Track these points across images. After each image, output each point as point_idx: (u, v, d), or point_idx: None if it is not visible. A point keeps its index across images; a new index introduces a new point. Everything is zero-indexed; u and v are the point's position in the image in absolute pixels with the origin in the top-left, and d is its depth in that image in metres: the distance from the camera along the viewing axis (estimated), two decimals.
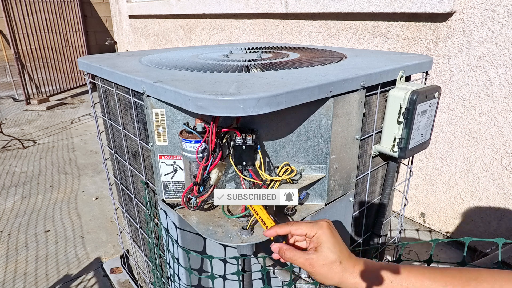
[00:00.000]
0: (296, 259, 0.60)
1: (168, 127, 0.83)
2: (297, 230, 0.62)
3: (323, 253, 0.58)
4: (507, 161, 1.71)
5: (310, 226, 0.61)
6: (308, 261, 0.59)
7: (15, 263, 1.96)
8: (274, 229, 0.64)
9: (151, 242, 1.09)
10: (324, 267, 0.58)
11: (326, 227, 0.60)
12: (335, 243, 0.59)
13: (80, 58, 1.22)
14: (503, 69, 1.62)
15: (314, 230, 0.60)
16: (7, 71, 5.94)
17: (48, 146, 3.76)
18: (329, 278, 0.58)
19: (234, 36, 3.20)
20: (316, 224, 0.61)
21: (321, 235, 0.59)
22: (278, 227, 0.64)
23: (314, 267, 0.58)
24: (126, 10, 4.87)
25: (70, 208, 2.54)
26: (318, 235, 0.60)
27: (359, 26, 2.15)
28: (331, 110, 0.80)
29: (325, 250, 0.58)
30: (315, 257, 0.58)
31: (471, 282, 0.50)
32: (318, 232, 0.60)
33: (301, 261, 0.59)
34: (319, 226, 0.60)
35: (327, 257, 0.58)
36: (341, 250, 0.59)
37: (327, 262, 0.58)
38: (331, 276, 0.58)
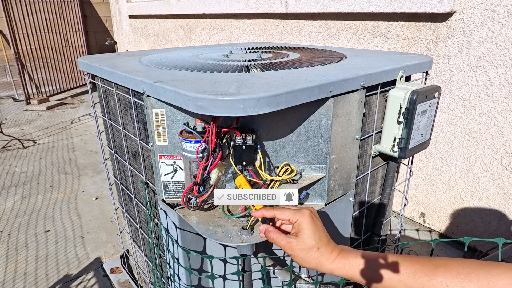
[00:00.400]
0: (279, 241, 0.65)
1: (168, 127, 0.83)
2: (281, 215, 0.66)
3: (302, 239, 0.63)
4: (507, 161, 1.71)
5: (293, 213, 0.65)
6: (288, 245, 0.63)
7: (15, 263, 1.96)
8: (261, 211, 0.68)
9: (151, 242, 1.09)
10: (302, 251, 0.62)
11: (308, 215, 0.64)
12: (315, 230, 0.63)
13: (80, 58, 1.22)
14: (503, 69, 1.62)
15: (296, 217, 0.64)
16: (7, 71, 5.94)
17: (48, 146, 3.76)
18: (307, 262, 0.63)
19: (234, 36, 3.20)
20: (299, 211, 0.65)
21: (302, 222, 0.64)
22: (265, 210, 0.68)
23: (293, 250, 0.63)
24: (126, 10, 4.87)
25: (70, 208, 2.54)
26: (299, 222, 0.64)
27: (359, 26, 2.15)
28: (331, 110, 0.80)
29: (305, 236, 0.63)
30: (295, 241, 0.63)
31: (439, 268, 0.53)
32: (300, 219, 0.64)
33: (282, 244, 0.64)
34: (301, 213, 0.65)
35: (305, 242, 0.62)
36: (320, 237, 0.63)
37: (305, 247, 0.62)
38: (308, 260, 0.63)
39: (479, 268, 0.50)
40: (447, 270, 0.52)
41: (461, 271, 0.51)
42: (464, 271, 0.51)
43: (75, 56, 6.26)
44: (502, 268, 0.50)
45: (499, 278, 0.48)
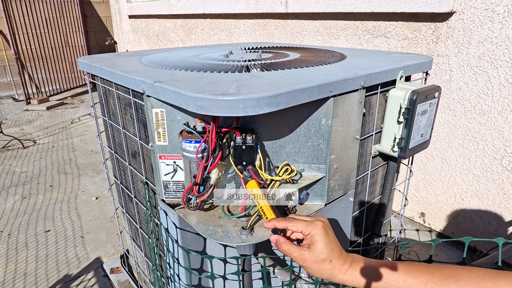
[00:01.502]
0: (291, 253, 0.65)
1: (168, 127, 0.83)
2: (293, 227, 0.66)
3: (315, 252, 0.63)
4: (507, 161, 1.71)
5: (306, 225, 0.65)
6: (301, 256, 0.64)
7: (15, 263, 1.96)
8: (272, 222, 0.68)
9: (151, 242, 1.09)
10: (315, 263, 0.63)
11: (321, 227, 0.64)
12: (328, 243, 0.64)
13: (80, 58, 1.22)
14: (503, 69, 1.62)
15: (309, 229, 0.64)
16: (7, 71, 5.94)
17: (48, 146, 3.76)
18: (319, 274, 0.64)
19: (234, 36, 3.20)
20: (311, 223, 0.65)
21: (315, 235, 0.64)
22: (276, 220, 0.68)
23: (305, 262, 0.63)
24: (126, 10, 4.87)
25: (70, 208, 2.54)
26: (312, 234, 0.64)
27: (359, 26, 2.15)
28: (331, 110, 0.80)
29: (317, 249, 0.63)
30: (307, 253, 0.63)
31: (450, 279, 0.54)
32: (313, 231, 0.64)
33: (294, 255, 0.64)
34: (314, 226, 0.65)
35: (318, 255, 0.63)
36: (332, 249, 0.64)
37: (318, 260, 0.63)
38: (321, 272, 0.63)
39: (487, 278, 0.51)
40: (457, 281, 0.53)
41: (471, 281, 0.52)
42: (473, 282, 0.52)
43: (75, 56, 6.26)
44: (510, 277, 0.51)
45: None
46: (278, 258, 0.95)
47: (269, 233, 0.79)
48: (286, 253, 0.65)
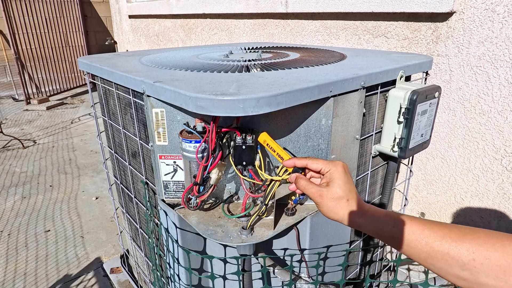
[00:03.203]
0: (309, 188, 0.65)
1: (168, 127, 0.83)
2: (313, 164, 0.67)
3: (333, 188, 0.63)
4: (507, 161, 1.71)
5: (326, 163, 0.66)
6: (318, 192, 0.64)
7: (15, 263, 1.96)
8: (292, 160, 0.69)
9: (151, 242, 1.09)
10: (332, 200, 0.63)
11: (341, 166, 0.65)
12: (346, 182, 0.64)
13: (80, 58, 1.21)
14: (503, 69, 1.62)
15: (329, 167, 0.65)
16: (7, 71, 5.94)
17: (48, 146, 3.76)
18: (334, 212, 0.63)
19: (234, 36, 3.20)
20: (332, 162, 0.66)
21: (334, 172, 0.64)
22: (296, 159, 0.69)
23: (323, 198, 0.63)
24: (126, 10, 4.87)
25: (70, 208, 2.54)
26: (331, 171, 0.65)
27: (359, 26, 2.15)
28: (331, 110, 0.80)
29: (335, 186, 0.63)
30: (325, 190, 0.64)
31: (467, 236, 0.54)
32: (332, 169, 0.65)
33: (312, 191, 0.65)
34: (334, 164, 0.65)
35: (336, 192, 0.63)
36: (350, 190, 0.64)
37: (335, 197, 0.63)
38: (336, 210, 0.63)
39: (505, 239, 0.51)
40: (474, 238, 0.53)
41: (488, 240, 0.52)
42: (490, 241, 0.52)
43: (75, 56, 6.26)
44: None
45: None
46: (278, 258, 0.95)
47: (269, 233, 0.79)
48: (304, 188, 0.66)
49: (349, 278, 1.19)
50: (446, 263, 0.54)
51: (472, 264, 0.51)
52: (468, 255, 0.52)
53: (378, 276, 1.34)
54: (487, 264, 0.50)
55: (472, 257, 0.51)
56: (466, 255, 0.52)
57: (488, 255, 0.50)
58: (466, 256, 0.52)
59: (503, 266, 0.49)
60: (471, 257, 0.52)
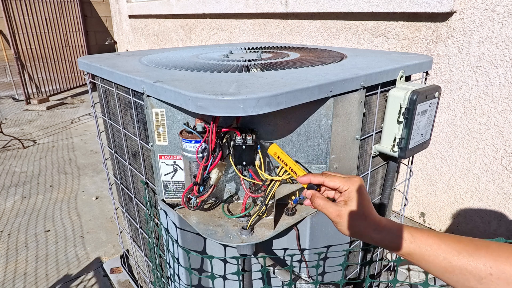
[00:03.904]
0: (327, 208, 0.65)
1: (168, 127, 0.83)
2: (330, 182, 0.67)
3: (352, 207, 0.63)
4: (507, 161, 1.71)
5: (344, 181, 0.66)
6: (336, 212, 0.64)
7: (15, 263, 1.96)
8: (308, 176, 0.69)
9: (151, 242, 1.09)
10: (351, 220, 0.63)
11: (359, 184, 0.65)
12: (364, 200, 0.64)
13: (80, 58, 1.22)
14: (503, 69, 1.62)
15: (348, 185, 0.65)
16: (7, 71, 5.94)
17: (48, 146, 3.76)
18: (352, 231, 0.64)
19: (234, 36, 3.20)
20: (349, 179, 0.66)
21: (353, 191, 0.64)
22: (312, 175, 0.69)
23: (341, 217, 0.64)
24: (126, 10, 4.87)
25: (70, 208, 2.54)
26: (350, 190, 0.65)
27: (359, 26, 2.15)
28: (331, 110, 0.80)
29: (354, 205, 0.64)
30: (344, 209, 0.64)
31: (482, 250, 0.54)
32: (351, 187, 0.65)
33: (330, 211, 0.65)
34: (352, 182, 0.65)
35: (355, 211, 0.63)
36: (368, 206, 0.64)
37: (354, 216, 0.63)
38: (354, 229, 0.63)
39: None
40: (488, 252, 0.54)
41: (502, 254, 0.53)
42: (505, 254, 0.53)
43: (75, 56, 6.26)
44: None
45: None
46: (278, 258, 0.95)
47: (269, 233, 0.79)
48: (321, 207, 0.66)
49: (349, 278, 1.19)
50: (464, 277, 0.55)
51: (489, 278, 0.53)
52: (486, 269, 0.53)
53: (378, 276, 1.34)
54: (504, 278, 0.52)
55: (490, 271, 0.52)
56: (484, 269, 0.53)
57: (504, 269, 0.52)
58: (483, 271, 0.53)
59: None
60: (488, 271, 0.53)
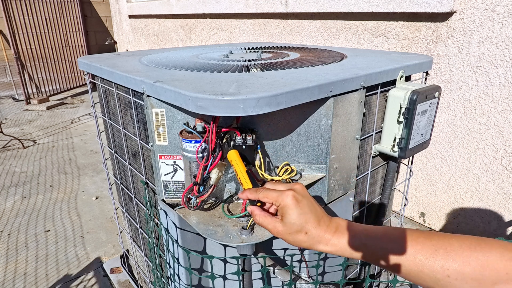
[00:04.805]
0: (266, 225, 0.62)
1: (168, 127, 0.83)
2: (264, 198, 0.63)
3: (287, 224, 0.60)
4: (507, 161, 1.71)
5: (277, 196, 0.61)
6: (275, 229, 0.61)
7: (15, 263, 1.96)
8: (245, 193, 0.66)
9: (151, 242, 1.09)
10: (290, 236, 0.60)
11: (291, 198, 0.60)
12: (300, 214, 0.59)
13: (80, 58, 1.21)
14: (503, 69, 1.62)
15: (279, 201, 0.61)
16: (7, 71, 5.94)
17: (48, 146, 3.76)
18: (297, 245, 0.61)
19: (234, 36, 3.20)
20: (282, 194, 0.61)
21: (285, 207, 0.60)
22: (249, 191, 0.65)
23: (280, 234, 0.61)
24: (126, 10, 4.87)
25: (70, 208, 2.54)
26: (282, 206, 0.61)
27: (359, 26, 2.15)
28: (331, 110, 0.80)
29: (289, 221, 0.60)
30: (280, 226, 0.61)
31: (440, 251, 0.52)
32: (282, 204, 0.60)
33: (269, 228, 0.62)
34: (284, 196, 0.60)
35: (291, 227, 0.60)
36: (307, 220, 0.59)
37: (292, 232, 0.60)
38: (298, 243, 0.61)
39: (479, 249, 0.51)
40: (446, 253, 0.52)
41: (461, 253, 0.51)
42: (463, 254, 0.51)
43: (75, 56, 6.27)
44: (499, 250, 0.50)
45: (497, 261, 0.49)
46: (278, 258, 0.95)
47: (269, 233, 0.79)
48: (261, 224, 0.63)
49: (349, 278, 1.19)
50: (421, 279, 0.53)
51: (447, 280, 0.51)
52: (443, 272, 0.51)
53: (378, 276, 1.34)
54: (462, 279, 0.50)
55: (447, 273, 0.51)
56: (441, 272, 0.51)
57: (462, 270, 0.50)
58: (440, 273, 0.52)
59: (478, 278, 0.49)
60: (445, 273, 0.51)
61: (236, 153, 0.73)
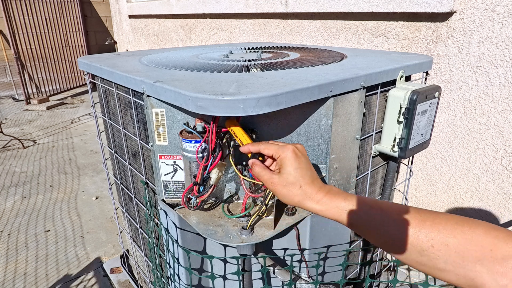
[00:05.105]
0: (262, 176, 0.65)
1: (168, 127, 0.83)
2: (265, 149, 0.66)
3: (283, 176, 0.62)
4: (507, 161, 1.71)
5: (276, 149, 0.64)
6: (270, 180, 0.63)
7: (15, 263, 1.96)
8: (247, 146, 0.69)
9: (151, 242, 1.09)
10: (284, 188, 0.62)
11: (291, 151, 0.63)
12: (297, 168, 0.62)
13: (80, 58, 1.21)
14: (503, 69, 1.62)
15: (279, 153, 0.63)
16: (7, 71, 5.94)
17: (48, 146, 3.76)
18: (289, 199, 0.62)
19: (234, 36, 3.20)
20: (282, 147, 0.64)
21: (284, 158, 0.62)
22: (251, 144, 0.68)
23: (274, 185, 0.63)
24: (126, 10, 4.87)
25: (70, 208, 2.54)
26: (281, 158, 0.63)
27: (359, 26, 2.15)
28: (331, 110, 0.80)
29: (286, 172, 0.62)
30: (276, 178, 0.63)
31: (427, 222, 0.53)
32: (282, 155, 0.63)
33: (265, 178, 0.64)
34: (284, 149, 0.63)
35: (286, 179, 0.62)
36: (303, 175, 0.62)
37: (286, 184, 0.62)
38: (290, 197, 0.62)
39: (465, 224, 0.51)
40: (434, 224, 0.52)
41: (447, 226, 0.51)
42: (449, 227, 0.51)
43: (75, 56, 6.27)
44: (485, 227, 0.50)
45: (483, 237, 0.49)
46: (278, 258, 0.95)
47: (269, 233, 0.79)
48: (258, 175, 0.65)
49: (349, 278, 1.19)
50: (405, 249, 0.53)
51: (430, 250, 0.51)
52: (427, 241, 0.52)
53: (378, 276, 1.34)
54: (445, 251, 0.50)
55: (431, 243, 0.51)
56: (425, 241, 0.52)
57: (446, 241, 0.50)
58: (425, 243, 0.52)
59: (461, 252, 0.49)
60: (430, 243, 0.51)
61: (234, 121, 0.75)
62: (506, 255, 0.46)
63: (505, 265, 0.46)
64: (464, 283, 0.49)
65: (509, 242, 0.47)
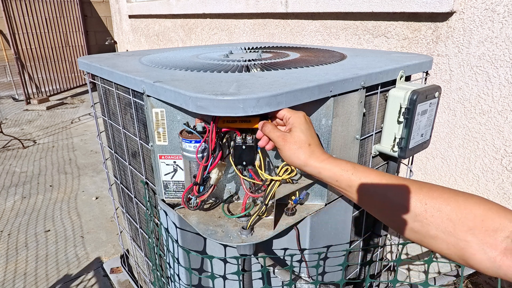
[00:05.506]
0: (273, 133, 0.69)
1: (168, 127, 0.83)
2: (276, 112, 0.70)
3: (295, 133, 0.67)
4: (507, 161, 1.71)
5: (288, 110, 0.70)
6: (281, 136, 0.68)
7: (15, 263, 1.96)
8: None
9: (151, 242, 1.09)
10: (294, 144, 0.67)
11: (302, 115, 0.69)
12: (307, 129, 0.68)
13: (80, 58, 1.21)
14: (503, 69, 1.62)
15: (291, 114, 0.69)
16: (7, 71, 5.94)
17: (48, 146, 3.76)
18: (296, 157, 0.67)
19: (234, 36, 3.20)
20: (294, 111, 0.70)
21: (295, 119, 0.68)
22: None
23: (286, 142, 0.67)
24: (126, 10, 4.87)
25: (70, 208, 2.54)
26: (293, 118, 0.68)
27: (359, 26, 2.15)
28: (331, 110, 0.80)
29: (298, 131, 0.67)
30: (289, 135, 0.68)
31: (423, 189, 0.55)
32: (293, 116, 0.69)
33: (276, 134, 0.68)
34: (297, 113, 0.69)
35: (298, 136, 0.67)
36: (312, 136, 0.68)
37: (297, 141, 0.67)
38: (298, 154, 0.66)
39: (460, 195, 0.53)
40: (430, 191, 0.54)
41: (443, 195, 0.53)
42: (445, 195, 0.53)
43: (75, 56, 6.27)
44: (479, 198, 0.52)
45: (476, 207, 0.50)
46: (278, 258, 0.95)
47: (269, 233, 0.79)
48: (268, 133, 0.69)
49: (349, 278, 1.19)
50: (399, 214, 0.55)
51: (423, 215, 0.52)
52: (421, 206, 0.53)
53: (378, 276, 1.34)
54: (438, 217, 0.51)
55: (424, 208, 0.52)
56: (419, 206, 0.53)
57: (440, 207, 0.51)
58: (419, 207, 0.53)
59: (454, 220, 0.50)
60: (423, 208, 0.52)
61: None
62: (497, 227, 0.47)
63: (496, 237, 0.46)
64: (454, 253, 0.50)
65: (501, 214, 0.48)
